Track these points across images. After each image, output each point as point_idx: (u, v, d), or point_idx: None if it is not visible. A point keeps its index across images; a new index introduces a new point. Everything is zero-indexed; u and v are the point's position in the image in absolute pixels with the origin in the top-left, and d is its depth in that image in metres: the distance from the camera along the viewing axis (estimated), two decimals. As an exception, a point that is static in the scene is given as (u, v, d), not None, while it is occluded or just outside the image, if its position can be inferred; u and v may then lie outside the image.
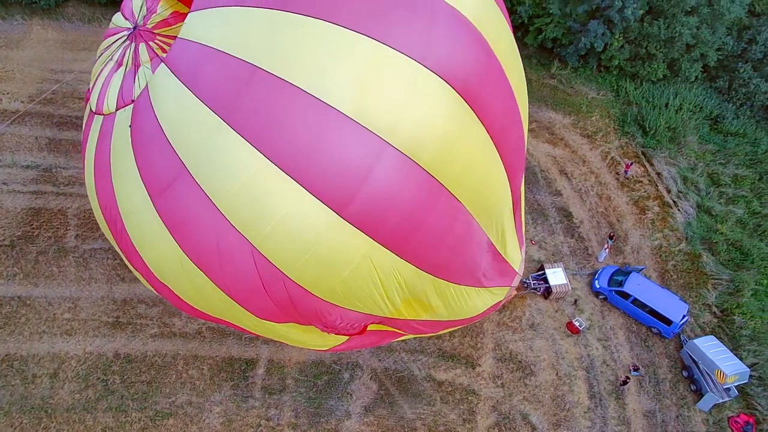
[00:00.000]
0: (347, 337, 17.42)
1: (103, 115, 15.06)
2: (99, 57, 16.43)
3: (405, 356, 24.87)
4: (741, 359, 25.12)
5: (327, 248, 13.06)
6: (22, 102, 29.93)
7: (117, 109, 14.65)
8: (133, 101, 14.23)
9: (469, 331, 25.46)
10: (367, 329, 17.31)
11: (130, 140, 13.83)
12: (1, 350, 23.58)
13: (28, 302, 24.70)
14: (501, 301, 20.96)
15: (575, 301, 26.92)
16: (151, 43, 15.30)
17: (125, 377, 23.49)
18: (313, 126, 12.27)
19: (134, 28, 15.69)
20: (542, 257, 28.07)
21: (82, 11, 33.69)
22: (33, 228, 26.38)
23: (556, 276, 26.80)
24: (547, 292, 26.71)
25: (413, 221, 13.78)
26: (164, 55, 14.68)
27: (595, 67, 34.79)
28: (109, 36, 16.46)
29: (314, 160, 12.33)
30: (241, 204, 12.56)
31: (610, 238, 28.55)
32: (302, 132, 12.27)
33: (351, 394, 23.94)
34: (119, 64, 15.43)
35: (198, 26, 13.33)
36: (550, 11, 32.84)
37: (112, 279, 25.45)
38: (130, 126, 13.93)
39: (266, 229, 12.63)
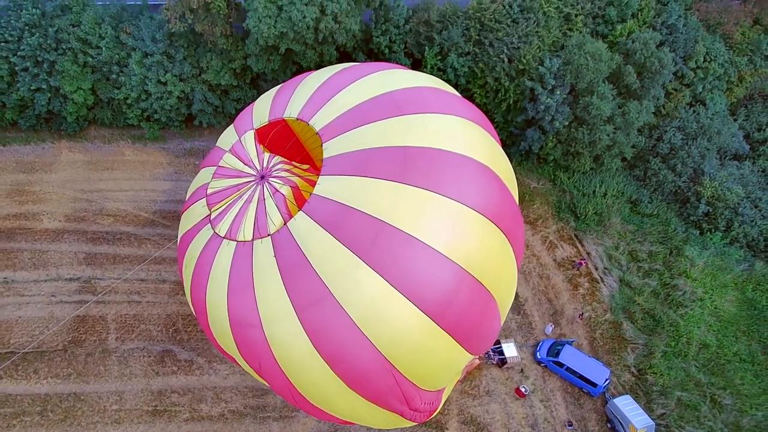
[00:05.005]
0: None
1: (236, 241, 20.03)
2: (221, 194, 21.39)
3: (388, 424, 31.17)
4: (652, 411, 32.05)
5: (426, 347, 19.27)
6: (60, 221, 35.86)
7: (253, 239, 19.71)
8: (269, 235, 19.40)
9: (438, 400, 31.88)
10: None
11: (276, 266, 18.89)
12: (64, 440, 29.47)
13: (82, 397, 30.59)
14: (473, 365, 27.55)
15: (522, 369, 33.55)
16: (272, 181, 20.87)
17: (166, 456, 29.52)
18: (422, 261, 18.54)
19: (261, 177, 21.22)
20: (495, 332, 34.68)
21: (102, 133, 39.77)
22: (80, 333, 32.30)
23: (510, 349, 33.53)
24: (501, 362, 33.28)
25: (476, 324, 20.47)
26: (280, 189, 20.44)
27: (535, 161, 41.83)
28: (226, 175, 21.83)
29: (423, 285, 18.61)
30: (371, 317, 18.32)
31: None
32: (415, 265, 18.50)
33: (346, 459, 30.22)
34: (249, 201, 20.62)
35: (332, 188, 19.18)
36: (495, 119, 39.92)
37: (148, 374, 31.44)
38: (274, 256, 19.05)
39: (387, 334, 18.56)
